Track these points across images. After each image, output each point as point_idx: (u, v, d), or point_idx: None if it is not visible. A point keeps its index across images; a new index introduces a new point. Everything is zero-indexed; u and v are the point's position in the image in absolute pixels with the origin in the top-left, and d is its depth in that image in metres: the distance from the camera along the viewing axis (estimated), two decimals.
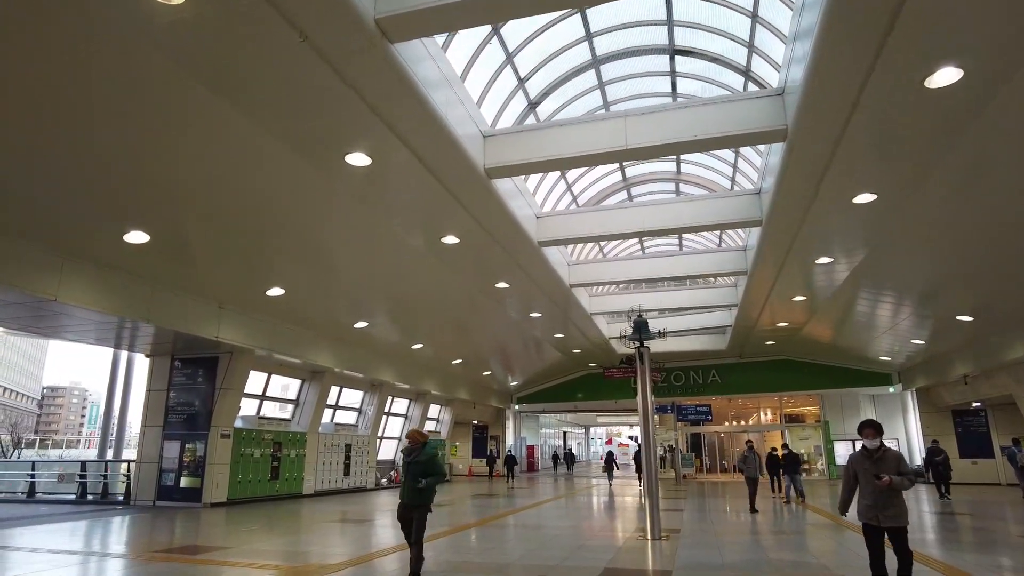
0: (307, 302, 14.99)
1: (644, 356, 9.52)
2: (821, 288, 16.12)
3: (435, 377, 24.75)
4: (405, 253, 12.97)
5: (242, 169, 8.97)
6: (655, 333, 10.16)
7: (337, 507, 15.55)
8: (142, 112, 7.31)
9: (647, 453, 9.16)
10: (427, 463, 7.13)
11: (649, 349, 9.65)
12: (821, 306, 18.09)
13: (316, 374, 18.69)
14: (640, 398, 9.38)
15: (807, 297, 17.30)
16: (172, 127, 7.73)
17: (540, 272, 14.91)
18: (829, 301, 17.41)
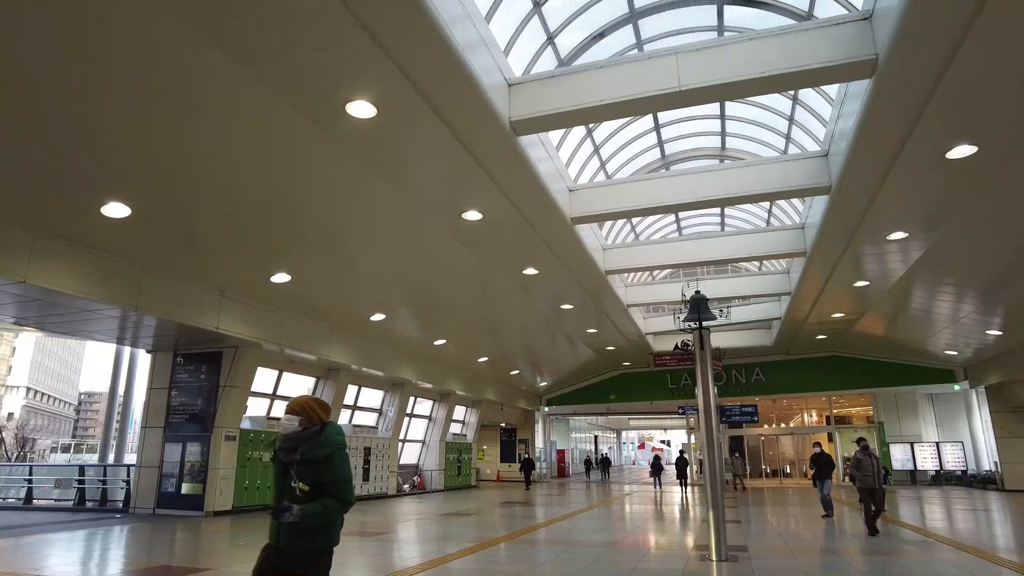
0: (318, 291, 13.69)
1: (705, 340, 7.94)
2: (890, 269, 14.31)
3: (460, 376, 23.35)
4: (423, 234, 11.59)
5: (231, 128, 7.65)
6: (716, 313, 8.55)
7: (355, 516, 14.16)
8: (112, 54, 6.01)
9: (711, 456, 7.58)
10: (322, 465, 3.20)
11: (709, 332, 8.07)
12: (885, 293, 16.23)
13: (331, 371, 17.41)
14: (700, 391, 7.81)
15: (870, 282, 15.49)
16: (148, 75, 6.42)
17: (573, 255, 13.40)
18: (895, 286, 15.56)
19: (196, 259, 11.24)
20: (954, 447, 25.03)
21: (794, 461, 30.06)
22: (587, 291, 16.30)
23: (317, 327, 15.39)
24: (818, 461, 14.17)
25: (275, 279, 12.37)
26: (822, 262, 14.12)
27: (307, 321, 14.97)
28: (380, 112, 7.64)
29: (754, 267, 22.10)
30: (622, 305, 18.26)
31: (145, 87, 6.73)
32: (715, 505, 7.47)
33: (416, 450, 23.70)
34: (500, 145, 8.74)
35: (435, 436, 23.60)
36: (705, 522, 12.47)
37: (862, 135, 8.45)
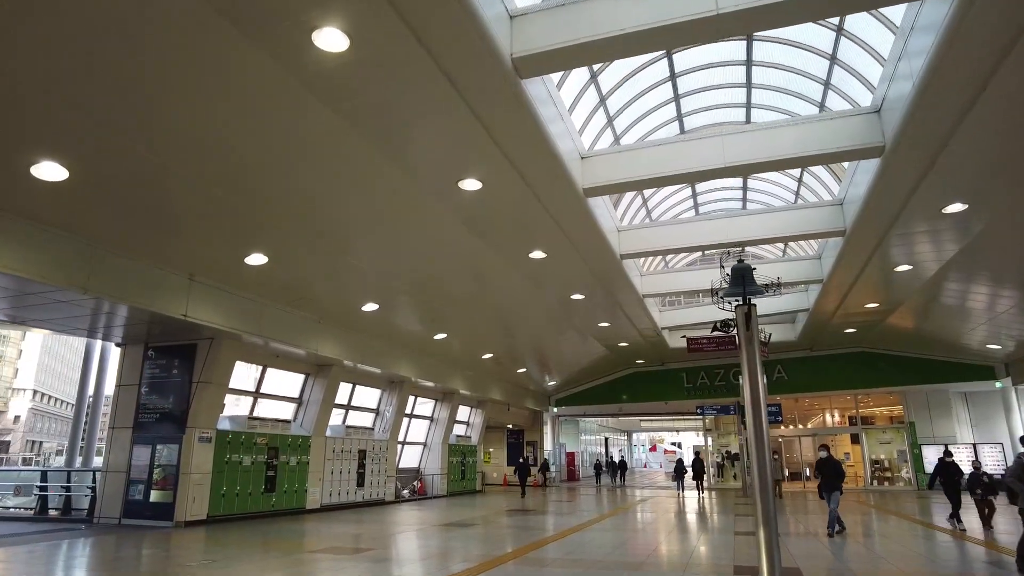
0: (301, 276, 12.33)
1: (752, 319, 6.49)
2: (940, 250, 12.80)
3: (464, 375, 21.94)
4: (417, 210, 10.22)
5: (185, 73, 6.29)
6: (768, 284, 7.08)
7: (346, 527, 12.80)
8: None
9: (760, 459, 6.13)
10: None
11: (756, 308, 6.62)
12: (927, 279, 14.69)
13: (322, 368, 16.04)
14: (746, 381, 6.37)
15: (913, 266, 13.97)
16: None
17: (585, 234, 11.98)
18: (940, 272, 14.04)
19: (157, 236, 9.89)
20: (993, 449, 23.38)
21: (813, 464, 28.46)
22: (599, 279, 14.87)
23: (303, 318, 14.03)
24: (824, 468, 11.33)
25: (250, 261, 11.01)
26: (862, 242, 12.63)
27: (291, 311, 13.60)
28: (353, 44, 6.27)
29: (775, 253, 20.58)
30: (637, 295, 16.79)
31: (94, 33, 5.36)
32: (767, 520, 6.01)
33: (417, 453, 22.30)
34: (500, 89, 7.35)
35: (437, 438, 22.20)
36: (739, 534, 10.97)
37: (937, 71, 7.00)
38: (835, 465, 11.28)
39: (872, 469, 25.51)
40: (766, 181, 16.05)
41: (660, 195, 17.92)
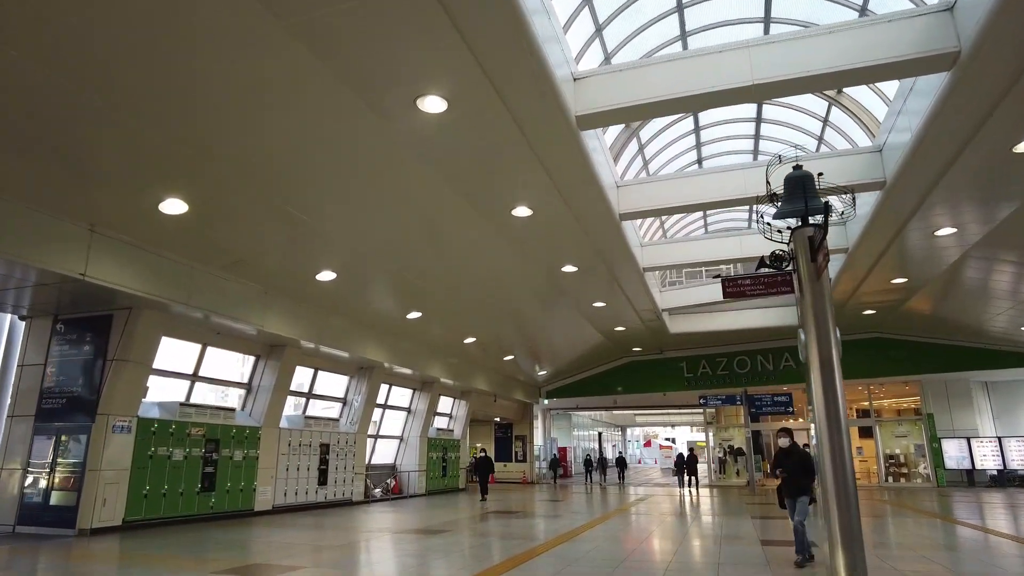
0: (234, 232, 10.23)
1: (818, 245, 4.49)
2: (994, 208, 10.86)
3: (445, 362, 19.88)
4: (369, 135, 8.15)
5: None
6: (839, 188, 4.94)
7: (292, 534, 10.76)
8: None
9: (836, 448, 4.14)
10: None
11: (826, 232, 4.60)
12: (971, 246, 12.76)
13: (274, 349, 13.96)
14: (811, 335, 4.40)
15: (957, 229, 12.03)
16: None
17: (578, 181, 9.93)
18: (989, 238, 12.12)
19: (50, 174, 7.79)
20: (1021, 443, 21.53)
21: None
22: (595, 246, 12.84)
23: (245, 287, 11.93)
24: (786, 462, 7.66)
25: (165, 208, 8.91)
26: (904, 197, 10.67)
27: (228, 277, 11.51)
28: None
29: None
30: (637, 268, 14.78)
31: None
32: (849, 539, 4.01)
33: (393, 448, 20.24)
34: None
35: (415, 431, 20.14)
36: (768, 544, 8.96)
37: None
38: (803, 458, 7.49)
39: (887, 465, 23.63)
40: (783, 125, 14.07)
41: (663, 156, 15.93)
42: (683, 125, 15.47)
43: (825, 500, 4.23)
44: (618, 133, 14.02)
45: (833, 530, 4.10)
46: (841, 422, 4.25)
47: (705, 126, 15.67)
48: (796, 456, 7.55)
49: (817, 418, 4.41)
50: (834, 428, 4.21)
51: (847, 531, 4.03)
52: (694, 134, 15.98)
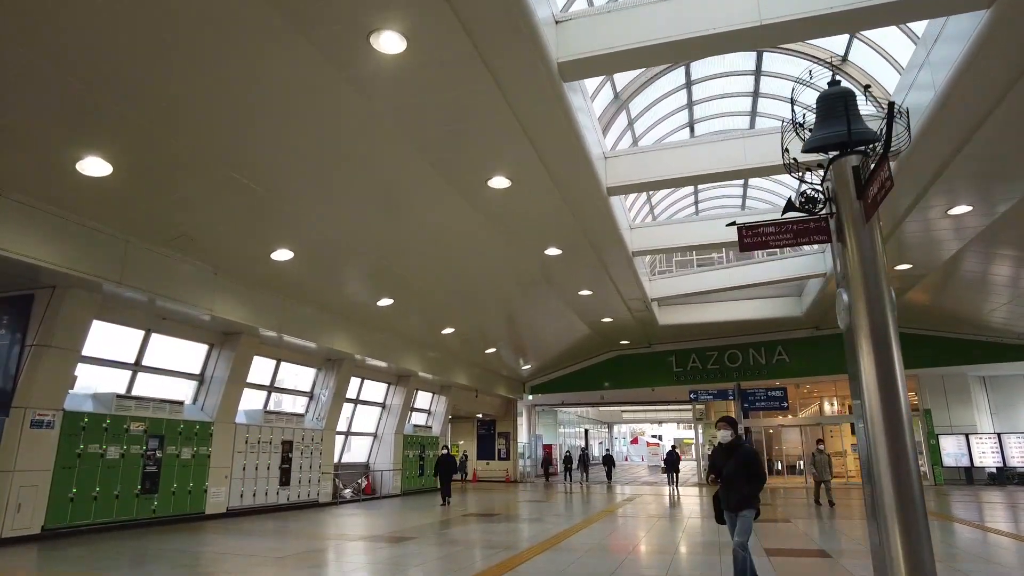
0: (172, 197, 9.01)
1: (872, 176, 3.41)
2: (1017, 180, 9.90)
3: (422, 355, 18.72)
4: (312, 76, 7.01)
5: None
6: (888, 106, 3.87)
7: (247, 541, 9.61)
8: None
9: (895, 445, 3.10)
10: None
11: (887, 150, 3.53)
12: (987, 228, 11.84)
13: (229, 337, 12.75)
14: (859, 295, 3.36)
15: (973, 207, 11.08)
16: None
17: (562, 148, 8.83)
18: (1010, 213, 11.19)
19: None
20: (1021, 440, 20.77)
21: (802, 456, 25.80)
22: (581, 225, 11.77)
23: (191, 266, 10.71)
24: (725, 462, 5.79)
25: (85, 168, 7.71)
26: (921, 167, 9.67)
27: (172, 254, 10.28)
28: None
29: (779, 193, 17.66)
30: (626, 251, 13.72)
31: None
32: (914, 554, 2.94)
33: (367, 445, 19.07)
34: None
35: (389, 428, 18.97)
36: (774, 554, 7.92)
37: None
38: (747, 458, 5.60)
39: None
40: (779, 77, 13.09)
41: (654, 133, 14.89)
42: (676, 99, 14.47)
43: (880, 518, 3.18)
44: (607, 104, 12.98)
45: (890, 542, 3.05)
46: (902, 412, 3.22)
47: (699, 100, 14.69)
48: (740, 456, 5.56)
49: (867, 406, 3.37)
50: (894, 420, 3.19)
51: (916, 552, 2.98)
52: (687, 110, 14.99)
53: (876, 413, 3.32)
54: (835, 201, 3.69)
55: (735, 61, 13.45)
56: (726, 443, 5.70)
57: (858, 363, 3.48)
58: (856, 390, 3.50)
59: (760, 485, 5.43)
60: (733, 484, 5.46)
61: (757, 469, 5.47)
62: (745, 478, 5.42)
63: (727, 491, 5.54)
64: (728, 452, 5.65)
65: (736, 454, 5.56)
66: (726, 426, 5.75)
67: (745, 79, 13.90)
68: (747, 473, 5.43)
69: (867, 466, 3.46)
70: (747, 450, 5.63)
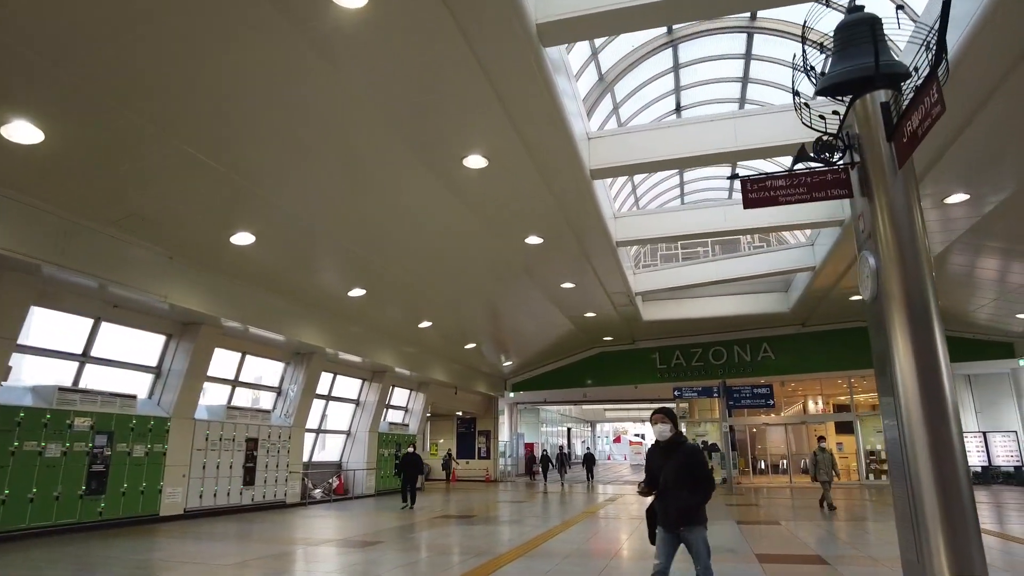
0: (118, 171, 8.24)
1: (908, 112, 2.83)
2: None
3: (399, 349, 18.02)
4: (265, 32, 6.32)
5: None
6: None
7: (198, 546, 8.89)
8: None
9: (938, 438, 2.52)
10: None
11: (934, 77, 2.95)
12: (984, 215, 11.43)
13: (188, 327, 11.98)
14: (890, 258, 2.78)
15: (970, 196, 10.64)
16: None
17: (542, 122, 8.21)
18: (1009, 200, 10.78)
19: None
20: (1005, 438, 20.53)
21: (786, 455, 25.43)
22: (563, 210, 11.15)
23: (145, 251, 9.93)
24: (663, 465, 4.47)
25: (10, 133, 6.93)
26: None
27: (123, 237, 9.50)
28: None
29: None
30: (610, 241, 13.16)
31: None
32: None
33: (339, 443, 18.34)
34: None
35: (363, 425, 18.24)
36: (766, 561, 7.35)
37: None
38: (691, 459, 4.42)
39: (867, 461, 22.48)
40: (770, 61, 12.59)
41: (641, 119, 14.33)
42: (663, 84, 13.93)
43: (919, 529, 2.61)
44: (591, 87, 12.40)
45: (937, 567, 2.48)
46: (946, 400, 2.66)
47: (687, 86, 14.17)
48: (681, 456, 4.35)
49: (901, 393, 2.80)
50: (936, 410, 2.63)
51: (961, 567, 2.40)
52: (674, 95, 14.46)
53: (913, 401, 2.75)
54: (858, 148, 3.12)
55: (725, 44, 12.96)
56: (664, 441, 4.45)
57: (889, 342, 2.90)
58: (884, 374, 2.92)
59: (708, 493, 4.29)
60: (673, 493, 4.27)
61: (703, 472, 4.32)
62: (689, 484, 4.25)
63: (665, 502, 4.32)
64: (666, 452, 4.43)
65: (676, 454, 4.35)
66: (663, 419, 4.46)
67: (735, 63, 13.41)
68: (691, 478, 4.26)
69: (900, 467, 2.88)
70: (690, 448, 4.42)
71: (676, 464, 4.31)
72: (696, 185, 19.25)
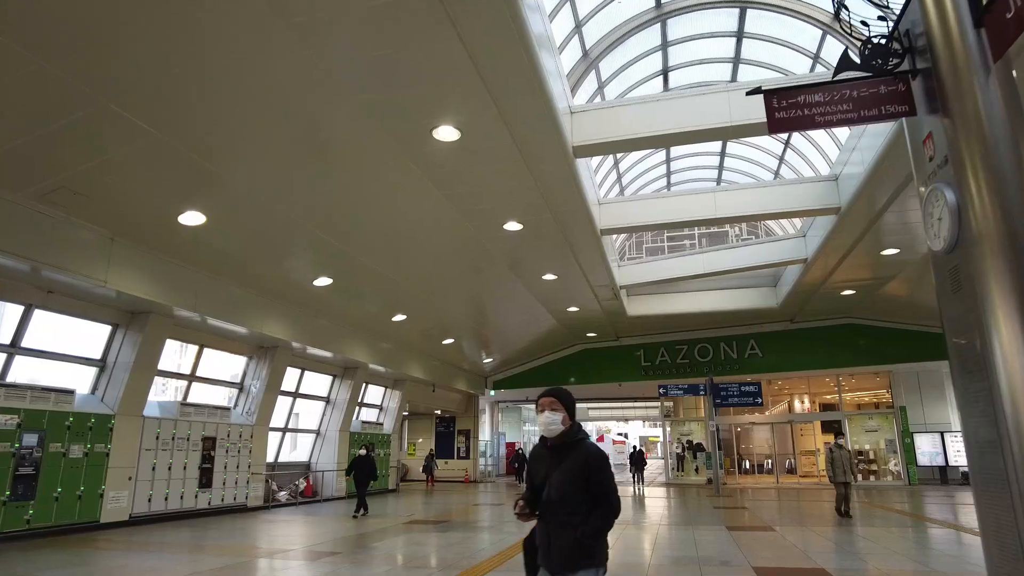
0: (37, 135, 7.30)
1: None
2: None
3: (372, 345, 17.13)
4: None
5: None
6: None
7: (127, 558, 7.97)
8: None
9: None
10: None
11: None
12: None
13: (135, 317, 11.02)
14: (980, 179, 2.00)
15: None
16: None
17: (519, 87, 7.40)
18: None
19: None
20: None
21: (771, 455, 24.93)
22: (543, 193, 10.35)
23: (81, 230, 8.97)
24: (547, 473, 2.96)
25: None
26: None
27: (52, 213, 8.55)
28: None
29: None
30: (594, 228, 12.39)
31: None
32: None
33: (308, 443, 17.40)
34: None
35: (334, 424, 17.32)
36: (761, 570, 6.59)
37: None
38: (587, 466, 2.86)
39: (856, 461, 21.96)
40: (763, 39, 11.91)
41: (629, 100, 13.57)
42: (650, 64, 13.19)
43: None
44: (575, 63, 11.64)
45: None
46: None
47: (676, 67, 13.45)
48: (575, 461, 2.87)
49: (1005, 374, 2.04)
50: None
51: None
52: (662, 76, 13.72)
53: (1019, 379, 1.99)
54: (926, 48, 2.36)
55: (716, 20, 12.26)
56: (552, 437, 2.94)
57: (980, 303, 2.13)
58: (968, 349, 2.17)
59: (610, 517, 2.79)
60: (558, 517, 2.79)
61: (603, 486, 2.80)
62: (581, 503, 2.77)
63: (547, 529, 2.84)
64: (555, 455, 2.92)
65: (569, 459, 2.86)
66: (553, 404, 2.94)
67: (726, 42, 12.72)
68: (586, 493, 2.78)
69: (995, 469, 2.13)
70: (591, 451, 2.88)
71: (566, 473, 2.81)
72: (683, 171, 18.56)
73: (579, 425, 2.99)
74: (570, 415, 2.96)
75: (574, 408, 3.01)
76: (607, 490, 2.79)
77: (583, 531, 2.70)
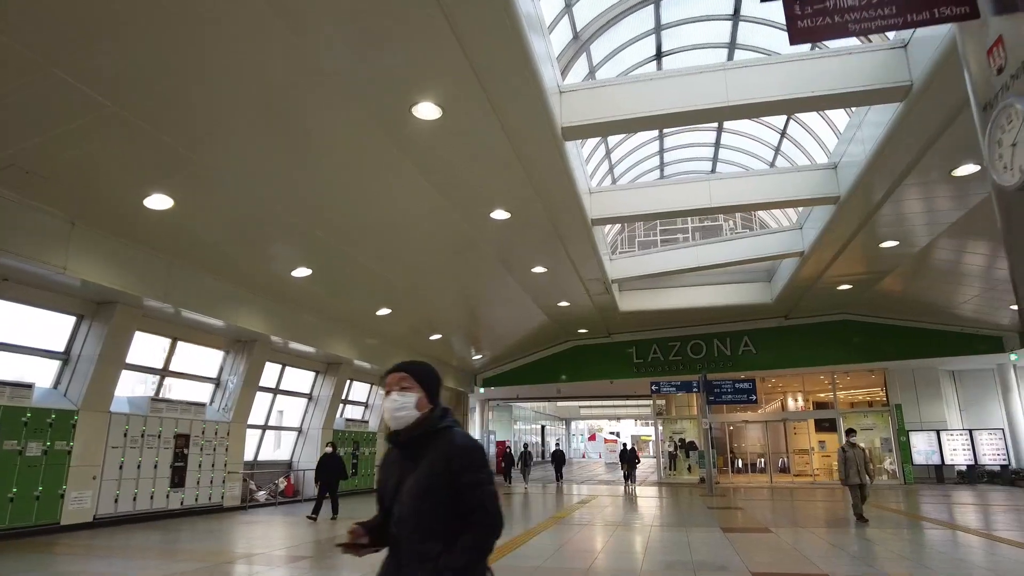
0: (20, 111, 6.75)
1: None
2: None
3: (356, 340, 16.61)
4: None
5: None
6: None
7: (96, 563, 7.45)
8: None
9: None
10: None
11: None
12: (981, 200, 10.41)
13: (101, 307, 10.46)
14: None
15: (981, 167, 9.61)
16: None
17: (505, 60, 6.92)
18: None
19: None
20: (992, 436, 19.77)
21: (764, 454, 24.57)
22: (531, 176, 9.86)
23: (38, 215, 8.42)
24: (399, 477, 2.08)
25: None
26: (930, 107, 8.09)
27: (10, 197, 8.00)
28: None
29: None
30: (584, 218, 11.92)
31: None
32: None
33: (291, 440, 16.86)
34: None
35: (316, 422, 16.78)
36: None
37: None
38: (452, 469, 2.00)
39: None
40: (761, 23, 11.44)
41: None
42: (642, 48, 12.73)
43: None
44: (565, 46, 11.16)
45: None
46: None
47: (670, 52, 12.99)
48: (435, 463, 2.00)
49: None
50: None
51: None
52: (655, 61, 13.26)
53: None
54: None
55: (711, 1, 11.83)
56: (403, 430, 2.10)
57: None
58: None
59: (486, 540, 2.01)
60: (412, 543, 1.97)
61: (477, 493, 2.01)
62: (442, 522, 1.97)
63: (399, 562, 2.00)
64: (412, 455, 2.08)
65: (425, 458, 2.04)
66: (404, 379, 2.14)
67: (721, 25, 12.29)
68: (450, 507, 1.98)
69: None
70: (458, 446, 2.05)
71: (420, 480, 2.00)
72: (677, 162, 18.12)
73: (446, 410, 2.13)
74: (430, 397, 2.12)
75: (438, 386, 2.16)
76: (481, 499, 1.96)
77: (446, 563, 1.88)
